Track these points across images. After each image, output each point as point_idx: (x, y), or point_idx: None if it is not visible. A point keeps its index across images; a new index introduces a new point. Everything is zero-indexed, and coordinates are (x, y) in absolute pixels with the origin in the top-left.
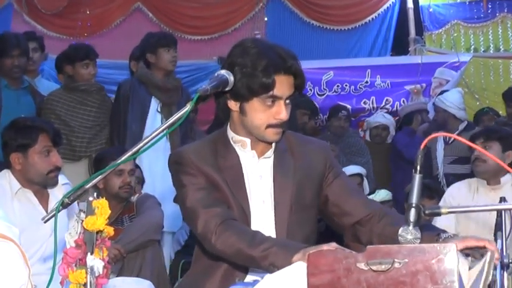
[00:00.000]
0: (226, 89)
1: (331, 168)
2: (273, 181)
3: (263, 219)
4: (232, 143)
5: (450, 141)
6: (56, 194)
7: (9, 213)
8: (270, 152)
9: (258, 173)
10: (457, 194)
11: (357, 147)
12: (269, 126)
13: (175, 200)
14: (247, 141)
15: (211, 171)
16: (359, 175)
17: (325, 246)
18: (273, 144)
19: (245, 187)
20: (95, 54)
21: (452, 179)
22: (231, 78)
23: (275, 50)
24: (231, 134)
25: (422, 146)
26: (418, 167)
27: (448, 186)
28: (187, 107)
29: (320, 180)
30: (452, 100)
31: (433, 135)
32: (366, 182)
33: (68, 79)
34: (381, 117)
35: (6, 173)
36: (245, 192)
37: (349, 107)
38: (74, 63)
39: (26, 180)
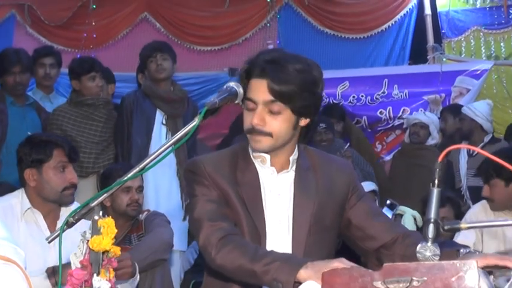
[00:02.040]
0: (236, 101)
1: (355, 190)
2: (293, 199)
3: (279, 239)
4: (252, 157)
5: (474, 154)
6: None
7: (15, 233)
8: (290, 167)
9: (277, 191)
10: (479, 213)
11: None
12: (247, 132)
13: (186, 209)
14: (267, 157)
15: (227, 185)
16: (373, 192)
17: (335, 262)
18: (291, 158)
19: (261, 205)
20: (101, 66)
21: (475, 192)
22: (240, 90)
23: (261, 56)
24: (251, 148)
25: (440, 158)
26: (436, 181)
27: (471, 199)
28: (195, 121)
29: (343, 202)
30: (481, 110)
31: (452, 147)
32: (378, 198)
33: (74, 93)
34: (421, 115)
35: (20, 192)
36: (261, 210)
37: (364, 117)
38: (80, 77)
39: (40, 198)
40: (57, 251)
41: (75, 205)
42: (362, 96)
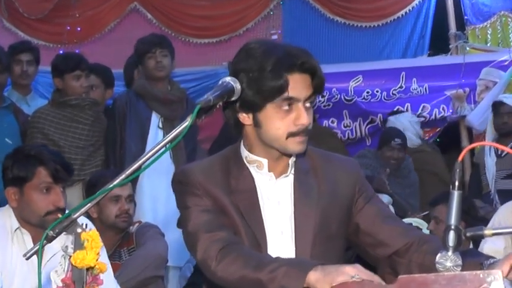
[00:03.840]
0: (233, 98)
1: (362, 191)
2: (294, 207)
3: (282, 251)
4: (246, 162)
5: (503, 154)
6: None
7: (6, 254)
8: (289, 171)
9: (276, 198)
10: (508, 215)
11: (413, 188)
12: (290, 135)
13: (178, 224)
14: (264, 162)
15: (221, 194)
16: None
17: (347, 268)
18: (291, 161)
19: (260, 214)
20: (87, 64)
21: (506, 196)
22: (238, 86)
23: (284, 48)
24: (244, 152)
25: (460, 158)
26: (457, 183)
27: (501, 204)
28: (187, 121)
29: (349, 206)
30: None
31: (472, 145)
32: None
33: (56, 93)
34: (392, 120)
35: (9, 209)
36: (260, 220)
37: (379, 115)
38: (63, 75)
39: (22, 220)
40: (46, 272)
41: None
42: (377, 91)
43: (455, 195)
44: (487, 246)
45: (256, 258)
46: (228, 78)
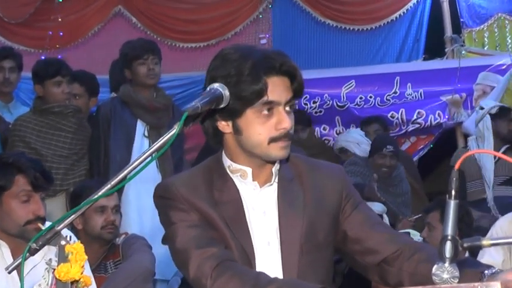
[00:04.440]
0: (221, 105)
1: (349, 197)
2: (279, 217)
3: (269, 262)
4: (229, 172)
5: (496, 159)
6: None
7: None
8: (273, 180)
9: (261, 209)
10: (508, 226)
11: (405, 197)
12: (272, 140)
13: (164, 241)
14: (248, 170)
15: (207, 206)
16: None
17: None
18: (274, 169)
19: (247, 225)
20: (68, 70)
21: (503, 203)
22: (227, 92)
23: (260, 51)
24: (227, 161)
25: (456, 166)
26: (453, 192)
27: (500, 212)
28: (174, 129)
29: (335, 214)
30: None
31: (469, 153)
32: (386, 218)
33: (38, 100)
34: (338, 140)
35: None
36: (247, 232)
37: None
38: (44, 81)
39: (1, 231)
40: (27, 286)
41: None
42: (370, 97)
43: (452, 204)
44: (485, 259)
45: (254, 278)
46: (216, 85)
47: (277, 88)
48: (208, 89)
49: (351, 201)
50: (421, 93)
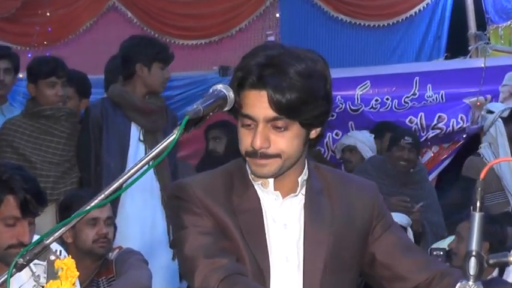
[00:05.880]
0: (226, 108)
1: (380, 217)
2: (304, 231)
3: (286, 281)
4: (251, 179)
5: None
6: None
7: None
8: (298, 191)
9: (282, 221)
10: None
11: (432, 199)
12: (246, 154)
13: (172, 245)
14: (270, 179)
15: (223, 213)
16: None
17: None
18: (300, 179)
19: (265, 238)
20: (65, 70)
21: None
22: (231, 94)
23: (255, 56)
24: (249, 168)
25: (482, 175)
26: (478, 203)
27: None
28: (174, 134)
29: (365, 234)
30: None
31: (496, 161)
32: (410, 232)
33: (30, 102)
34: (345, 138)
35: None
36: (264, 245)
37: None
38: (37, 80)
39: None
40: None
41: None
42: (387, 99)
43: (477, 217)
44: None
45: None
46: (220, 86)
47: (251, 102)
48: (211, 90)
49: (383, 221)
50: (442, 96)
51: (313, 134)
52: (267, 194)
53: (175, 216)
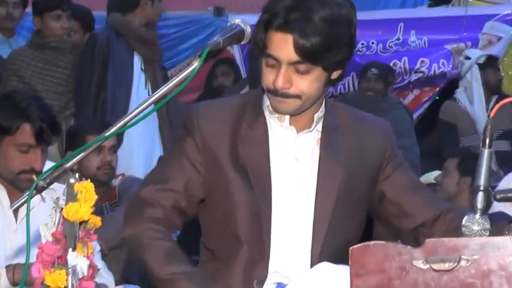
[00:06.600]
0: (243, 41)
1: (392, 157)
2: (318, 165)
3: (294, 213)
4: (266, 111)
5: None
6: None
7: None
8: (313, 126)
9: (294, 155)
10: None
11: (402, 124)
12: (268, 91)
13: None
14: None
15: (223, 148)
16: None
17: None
18: (316, 116)
19: (268, 167)
20: (70, 4)
21: (502, 158)
22: (248, 28)
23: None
24: (267, 101)
25: (492, 114)
26: (488, 140)
27: (499, 167)
28: (195, 64)
29: (376, 171)
30: None
31: (506, 100)
32: None
33: (36, 35)
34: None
35: None
36: (267, 177)
37: None
38: (43, 13)
39: None
40: (23, 233)
41: (47, 165)
42: (373, 43)
43: (486, 153)
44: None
45: (166, 251)
46: (238, 20)
47: (276, 44)
48: (229, 24)
49: (394, 161)
50: (425, 41)
51: (335, 75)
52: (281, 127)
53: (175, 142)
